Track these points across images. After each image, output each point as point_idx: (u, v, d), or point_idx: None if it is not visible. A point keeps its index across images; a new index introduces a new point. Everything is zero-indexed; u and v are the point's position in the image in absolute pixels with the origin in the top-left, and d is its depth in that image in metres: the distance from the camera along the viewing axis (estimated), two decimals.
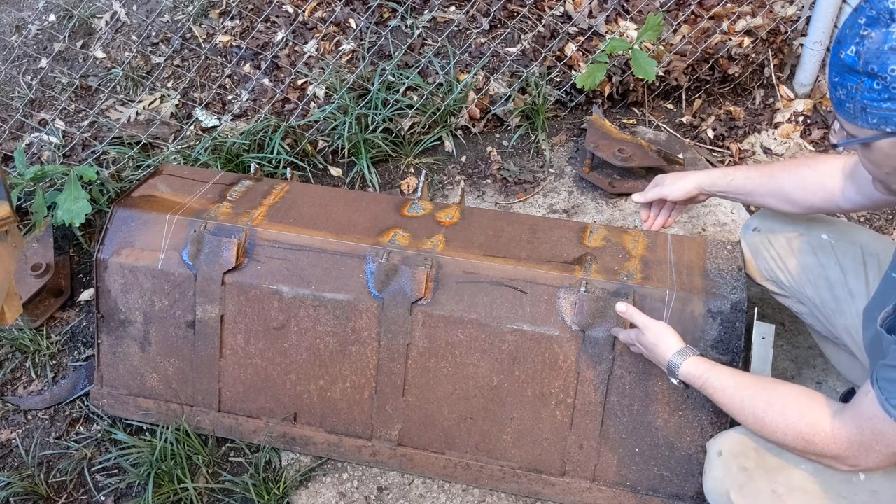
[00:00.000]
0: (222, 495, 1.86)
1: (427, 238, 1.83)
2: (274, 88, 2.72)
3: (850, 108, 1.11)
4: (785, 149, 2.66)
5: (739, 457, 1.40)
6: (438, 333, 1.76)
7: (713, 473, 1.44)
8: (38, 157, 2.60)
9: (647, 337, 1.56)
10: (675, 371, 1.50)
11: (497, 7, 2.74)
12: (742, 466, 1.39)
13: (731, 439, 1.44)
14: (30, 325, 2.20)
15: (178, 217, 1.88)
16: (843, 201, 1.56)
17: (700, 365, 1.47)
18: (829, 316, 1.64)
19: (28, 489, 1.88)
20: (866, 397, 1.21)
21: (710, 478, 1.44)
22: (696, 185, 1.76)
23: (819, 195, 1.58)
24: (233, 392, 1.89)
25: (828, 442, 1.26)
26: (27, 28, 2.96)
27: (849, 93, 1.10)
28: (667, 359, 1.51)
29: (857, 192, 1.52)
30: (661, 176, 1.84)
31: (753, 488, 1.36)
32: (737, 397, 1.38)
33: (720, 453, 1.44)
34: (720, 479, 1.42)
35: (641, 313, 1.59)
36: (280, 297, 1.81)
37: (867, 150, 1.15)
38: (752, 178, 1.68)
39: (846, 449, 1.24)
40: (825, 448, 1.26)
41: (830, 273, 1.62)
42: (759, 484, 1.35)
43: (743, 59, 2.73)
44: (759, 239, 1.74)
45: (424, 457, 1.83)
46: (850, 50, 1.08)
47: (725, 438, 1.46)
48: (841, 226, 1.70)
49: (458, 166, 2.64)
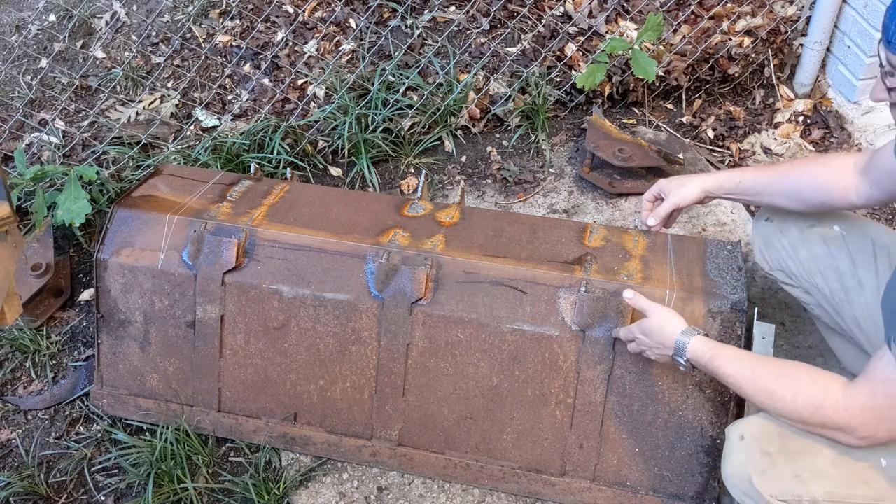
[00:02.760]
0: (222, 495, 1.86)
1: (427, 238, 1.83)
2: (274, 88, 2.72)
3: None
4: (785, 149, 2.65)
5: (762, 441, 1.37)
6: (438, 333, 1.76)
7: (734, 458, 1.40)
8: (38, 157, 2.60)
9: (651, 321, 1.54)
10: (682, 349, 1.48)
11: (497, 7, 2.74)
12: (765, 451, 1.36)
13: (754, 423, 1.41)
14: (30, 325, 2.20)
15: (178, 217, 1.88)
16: (855, 198, 1.56)
17: (707, 342, 1.46)
18: (837, 307, 1.64)
19: (28, 489, 1.89)
20: (881, 360, 1.19)
21: (731, 463, 1.41)
22: (701, 190, 1.75)
23: (831, 192, 1.59)
24: (233, 392, 1.89)
25: (838, 409, 1.23)
26: (27, 28, 2.96)
27: None
28: (673, 338, 1.49)
29: (872, 186, 1.52)
30: (663, 184, 1.81)
31: (776, 473, 1.33)
32: (747, 367, 1.37)
33: (742, 437, 1.40)
34: (741, 464, 1.39)
35: (646, 299, 1.59)
36: (280, 297, 1.81)
37: None
38: (762, 178, 1.68)
39: (857, 417, 1.22)
40: (835, 415, 1.23)
41: (841, 263, 1.63)
42: (782, 468, 1.33)
43: (743, 59, 2.73)
44: (772, 229, 1.75)
45: (424, 457, 1.83)
46: None
47: (747, 423, 1.43)
48: (853, 219, 1.70)
49: (458, 166, 2.64)
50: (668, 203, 1.78)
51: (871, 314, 1.56)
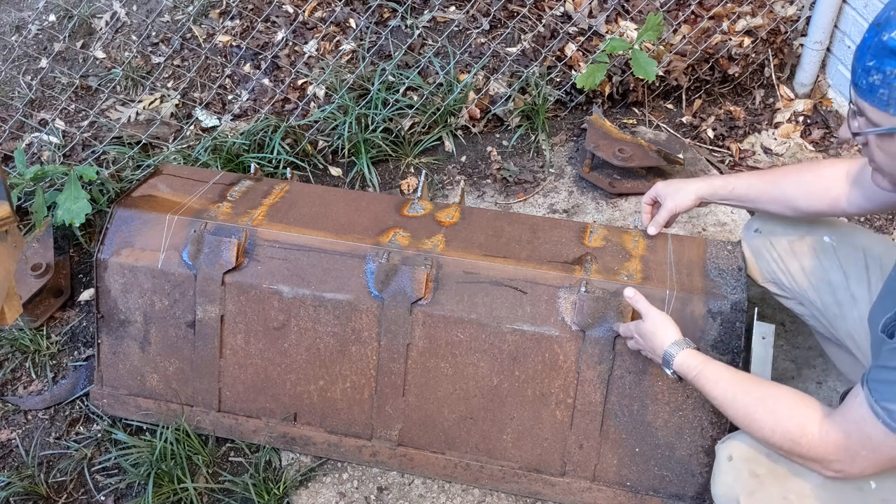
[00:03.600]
0: (222, 495, 1.86)
1: (427, 238, 1.83)
2: (274, 88, 2.72)
3: (883, 94, 1.07)
4: (785, 149, 2.65)
5: (751, 462, 1.38)
6: (438, 333, 1.76)
7: (723, 478, 1.41)
8: (38, 157, 2.60)
9: (646, 325, 1.55)
10: (669, 361, 1.48)
11: (497, 7, 2.74)
12: (753, 472, 1.37)
13: (743, 444, 1.42)
14: (30, 325, 2.20)
15: (179, 217, 1.88)
16: (847, 206, 1.55)
17: (695, 357, 1.46)
18: (831, 320, 1.63)
19: (28, 489, 1.88)
20: (855, 400, 1.20)
21: (720, 482, 1.42)
22: (696, 196, 1.75)
23: (824, 201, 1.58)
24: (233, 392, 1.89)
25: (814, 444, 1.24)
26: (27, 28, 2.96)
27: (885, 78, 1.06)
28: (663, 348, 1.50)
29: (863, 197, 1.52)
30: (659, 188, 1.82)
31: (764, 494, 1.34)
32: (729, 391, 1.36)
33: (730, 458, 1.41)
34: (730, 484, 1.39)
35: (646, 301, 1.59)
36: (280, 297, 1.81)
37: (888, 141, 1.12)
38: (754, 185, 1.68)
39: (832, 452, 1.22)
40: (811, 450, 1.24)
41: (833, 277, 1.62)
42: (771, 490, 1.34)
43: (743, 59, 2.74)
44: (761, 241, 1.74)
45: (424, 457, 1.83)
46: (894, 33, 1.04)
47: (736, 443, 1.43)
48: (843, 228, 1.69)
49: (458, 166, 2.64)
50: (665, 211, 1.79)
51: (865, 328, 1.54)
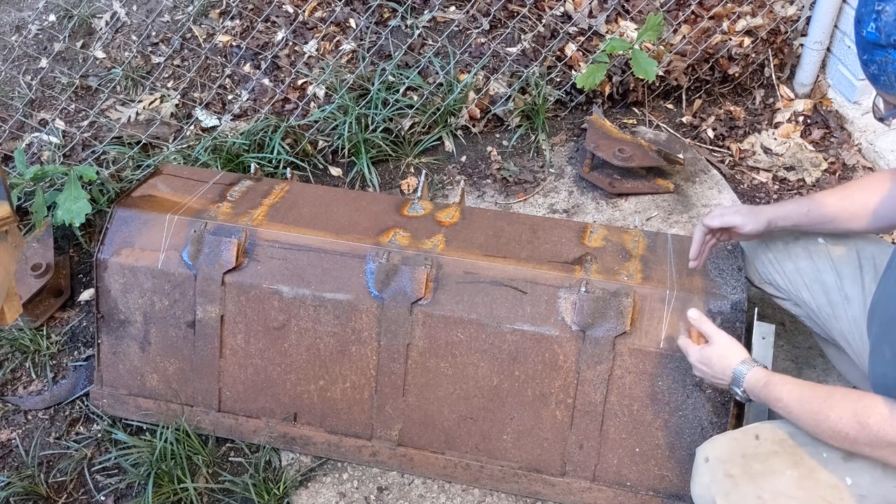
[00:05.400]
0: (222, 495, 1.86)
1: (427, 238, 1.83)
2: (274, 88, 2.72)
3: (885, 80, 1.18)
4: (785, 149, 2.65)
5: (726, 463, 1.40)
6: (438, 333, 1.76)
7: (700, 479, 1.43)
8: (38, 157, 2.60)
9: (715, 348, 1.51)
10: (740, 379, 1.46)
11: (497, 7, 2.74)
12: (728, 473, 1.38)
13: (719, 445, 1.44)
14: (30, 325, 2.20)
15: (178, 217, 1.88)
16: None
17: (764, 371, 1.45)
18: (825, 320, 1.64)
19: (28, 489, 1.88)
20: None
21: (698, 483, 1.44)
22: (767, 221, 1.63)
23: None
24: (233, 392, 1.89)
25: (884, 424, 1.22)
26: (27, 28, 2.96)
27: (880, 67, 1.17)
28: (733, 368, 1.47)
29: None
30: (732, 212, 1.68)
31: (739, 494, 1.35)
32: (796, 390, 1.36)
33: (707, 459, 1.43)
34: (707, 485, 1.41)
35: (711, 323, 1.54)
36: (280, 297, 1.81)
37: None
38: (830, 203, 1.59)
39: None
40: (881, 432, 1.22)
41: (826, 277, 1.62)
42: (745, 489, 1.35)
43: (743, 59, 2.73)
44: (757, 242, 1.74)
45: (424, 457, 1.83)
46: (869, 27, 1.15)
47: (713, 444, 1.45)
48: None
49: (458, 166, 2.64)
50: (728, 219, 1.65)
51: (859, 328, 1.55)
